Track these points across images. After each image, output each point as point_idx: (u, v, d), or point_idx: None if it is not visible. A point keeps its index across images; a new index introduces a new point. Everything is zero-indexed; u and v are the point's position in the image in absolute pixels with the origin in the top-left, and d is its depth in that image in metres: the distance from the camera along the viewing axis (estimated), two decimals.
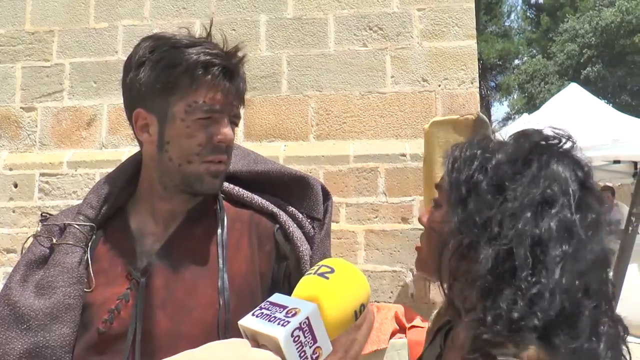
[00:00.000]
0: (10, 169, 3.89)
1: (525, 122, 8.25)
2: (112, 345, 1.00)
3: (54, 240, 1.10)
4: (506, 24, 29.06)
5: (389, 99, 3.77)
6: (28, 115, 4.04)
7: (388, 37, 3.81)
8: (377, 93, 3.78)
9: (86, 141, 3.93)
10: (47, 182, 3.80)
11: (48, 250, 1.10)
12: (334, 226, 3.63)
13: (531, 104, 21.50)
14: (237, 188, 1.24)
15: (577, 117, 6.57)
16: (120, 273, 1.08)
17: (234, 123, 1.12)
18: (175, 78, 1.07)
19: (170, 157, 1.09)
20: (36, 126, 4.02)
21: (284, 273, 1.15)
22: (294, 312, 0.75)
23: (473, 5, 3.78)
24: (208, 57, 1.07)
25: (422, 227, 1.01)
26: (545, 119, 7.15)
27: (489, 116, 28.73)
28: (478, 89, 3.73)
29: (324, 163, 3.68)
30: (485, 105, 28.63)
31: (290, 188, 1.26)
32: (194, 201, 1.17)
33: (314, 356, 0.74)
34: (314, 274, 0.85)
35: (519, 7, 29.49)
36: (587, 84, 18.98)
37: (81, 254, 1.08)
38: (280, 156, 3.71)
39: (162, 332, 1.03)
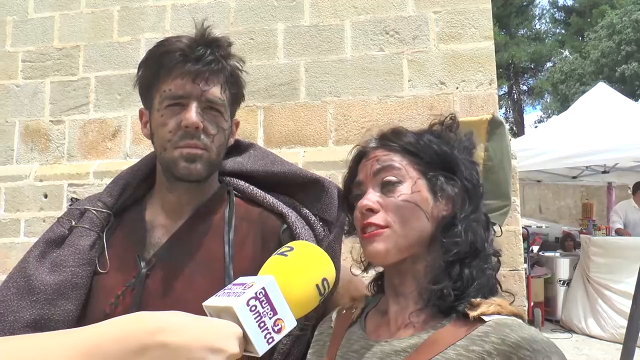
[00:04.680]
0: (41, 180, 4.03)
1: (555, 124, 8.12)
2: None
3: (73, 223, 1.17)
4: (537, 26, 28.66)
5: (406, 103, 3.77)
6: (57, 128, 4.18)
7: (404, 40, 3.81)
8: (395, 97, 3.79)
9: (111, 152, 4.04)
10: (74, 192, 3.91)
11: (67, 232, 1.17)
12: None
13: (566, 107, 21.02)
14: (251, 187, 1.28)
15: (605, 117, 6.43)
16: (130, 261, 1.14)
17: (209, 107, 1.13)
18: (151, 72, 1.15)
19: (156, 146, 1.16)
20: (64, 138, 4.15)
21: None
22: (251, 285, 0.77)
23: (490, 6, 3.75)
24: (171, 46, 1.13)
25: None
26: (573, 120, 7.02)
27: (522, 120, 28.27)
28: (496, 90, 3.69)
29: (343, 168, 3.65)
30: (518, 110, 28.21)
31: (305, 190, 1.29)
32: (200, 194, 1.21)
33: (275, 328, 0.76)
34: (276, 254, 0.88)
35: (546, 11, 28.99)
36: (622, 82, 18.44)
37: (94, 238, 1.15)
38: (300, 162, 3.74)
39: None
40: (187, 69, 1.10)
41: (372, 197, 0.99)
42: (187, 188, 1.19)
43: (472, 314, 0.89)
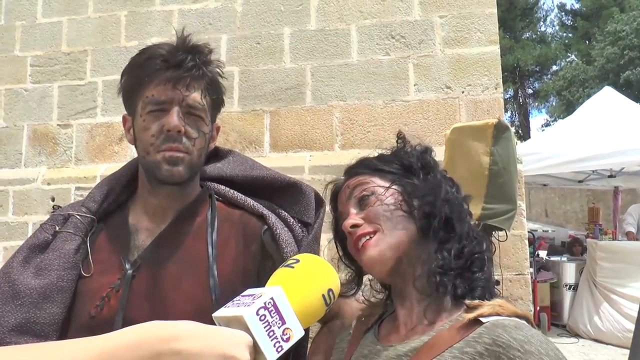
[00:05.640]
0: (48, 184, 4.06)
1: (561, 127, 8.11)
2: (101, 330, 1.04)
3: (57, 228, 1.19)
4: (542, 29, 28.59)
5: (412, 107, 3.78)
6: (64, 132, 4.21)
7: (410, 45, 3.83)
8: (401, 101, 3.80)
9: (118, 155, 4.07)
10: (81, 196, 3.93)
11: (51, 237, 1.18)
12: None
13: (571, 111, 20.90)
14: (232, 191, 1.32)
15: (611, 121, 6.42)
16: (114, 264, 1.15)
17: (190, 112, 1.16)
18: (134, 79, 1.17)
19: (139, 150, 1.18)
20: (72, 142, 4.18)
21: (269, 272, 1.18)
22: (259, 295, 0.79)
23: (495, 11, 3.76)
24: (152, 53, 1.15)
25: None
26: (579, 124, 7.01)
27: (527, 124, 28.22)
28: (502, 94, 3.70)
29: None
30: (524, 113, 28.15)
31: (283, 193, 1.32)
32: (182, 198, 1.24)
33: (284, 337, 0.77)
34: (282, 266, 0.90)
35: (553, 14, 28.96)
36: (628, 87, 18.41)
37: (79, 243, 1.17)
38: (306, 166, 3.75)
39: (144, 322, 1.08)
40: (169, 75, 1.13)
41: (352, 216, 1.04)
42: (170, 191, 1.21)
43: (469, 316, 0.90)
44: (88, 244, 1.18)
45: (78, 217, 1.19)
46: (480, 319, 0.89)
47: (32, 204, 4.04)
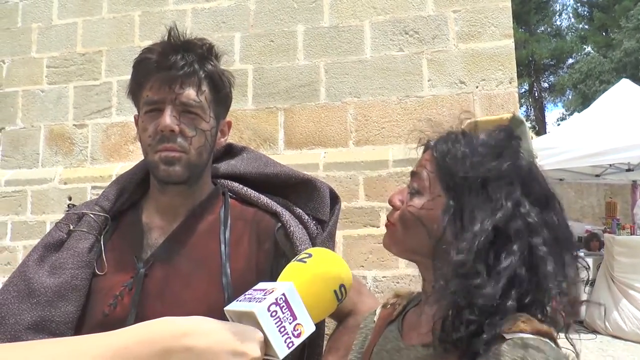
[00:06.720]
0: (65, 183, 4.09)
1: (578, 121, 8.01)
2: (114, 328, 1.07)
3: (71, 227, 1.20)
4: (557, 22, 28.25)
5: (426, 103, 3.76)
6: (80, 132, 4.25)
7: (424, 40, 3.81)
8: (415, 97, 3.78)
9: (133, 154, 4.09)
10: (97, 195, 3.96)
11: (65, 236, 1.20)
12: (374, 230, 3.65)
13: (588, 104, 20.54)
14: (245, 188, 1.31)
15: (629, 113, 6.34)
16: (127, 262, 1.16)
17: (186, 110, 1.15)
18: (134, 81, 1.19)
19: (142, 151, 1.19)
20: (87, 142, 4.22)
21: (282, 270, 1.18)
22: (271, 291, 0.79)
23: (509, 4, 3.73)
24: (145, 55, 1.16)
25: None
26: (596, 117, 6.92)
27: (543, 118, 27.95)
28: (517, 89, 3.67)
29: (363, 169, 3.70)
30: (539, 108, 27.88)
31: (298, 190, 1.32)
32: (193, 196, 1.24)
33: (295, 332, 0.77)
34: (295, 260, 0.90)
35: (569, 6, 28.62)
36: None
37: (93, 241, 1.17)
38: (321, 163, 3.75)
39: None
40: (160, 76, 1.13)
41: (401, 193, 1.02)
42: (179, 190, 1.21)
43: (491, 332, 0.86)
44: (102, 243, 1.18)
45: (92, 215, 1.20)
46: (504, 334, 0.85)
47: (50, 203, 4.08)
